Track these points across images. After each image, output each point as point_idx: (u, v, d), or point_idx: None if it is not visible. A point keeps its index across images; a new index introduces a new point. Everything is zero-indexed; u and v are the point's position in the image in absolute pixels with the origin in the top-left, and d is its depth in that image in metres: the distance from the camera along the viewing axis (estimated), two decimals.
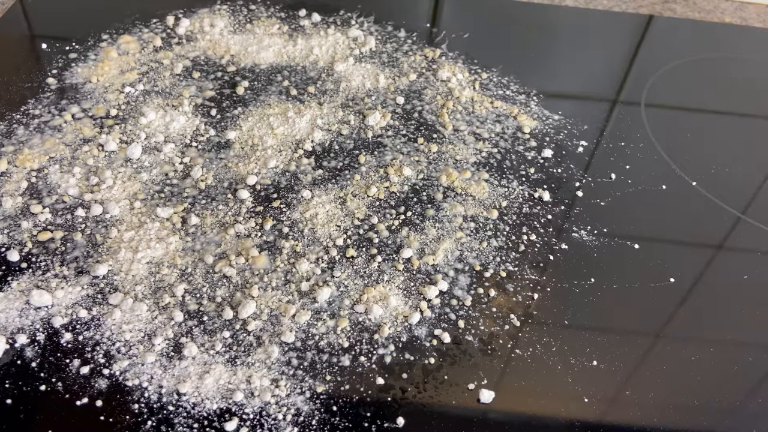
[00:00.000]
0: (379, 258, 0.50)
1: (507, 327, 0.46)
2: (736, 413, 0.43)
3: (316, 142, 0.60)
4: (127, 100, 0.62)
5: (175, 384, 0.41)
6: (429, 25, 0.77)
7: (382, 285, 0.48)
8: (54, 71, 0.65)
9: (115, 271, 0.47)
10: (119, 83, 0.64)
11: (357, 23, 0.76)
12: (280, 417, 0.40)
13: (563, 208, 0.56)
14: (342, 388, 0.42)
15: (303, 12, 0.76)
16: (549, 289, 0.49)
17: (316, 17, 0.75)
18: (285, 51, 0.70)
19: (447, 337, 0.45)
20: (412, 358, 0.44)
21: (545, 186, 0.57)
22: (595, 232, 0.54)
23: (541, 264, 0.51)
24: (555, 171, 0.59)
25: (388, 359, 0.44)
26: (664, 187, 0.59)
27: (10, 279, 0.46)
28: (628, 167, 0.60)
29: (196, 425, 0.39)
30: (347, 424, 0.40)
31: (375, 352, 0.44)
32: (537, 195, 0.57)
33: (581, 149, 0.62)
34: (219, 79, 0.66)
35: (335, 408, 0.41)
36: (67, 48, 0.68)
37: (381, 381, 0.42)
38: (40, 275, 0.47)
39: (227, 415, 0.40)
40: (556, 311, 0.48)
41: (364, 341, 0.44)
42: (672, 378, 0.45)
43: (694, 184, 0.60)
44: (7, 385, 0.40)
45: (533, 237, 0.53)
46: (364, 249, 0.50)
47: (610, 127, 0.65)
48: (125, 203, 0.52)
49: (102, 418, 0.39)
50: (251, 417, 0.40)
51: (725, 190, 0.59)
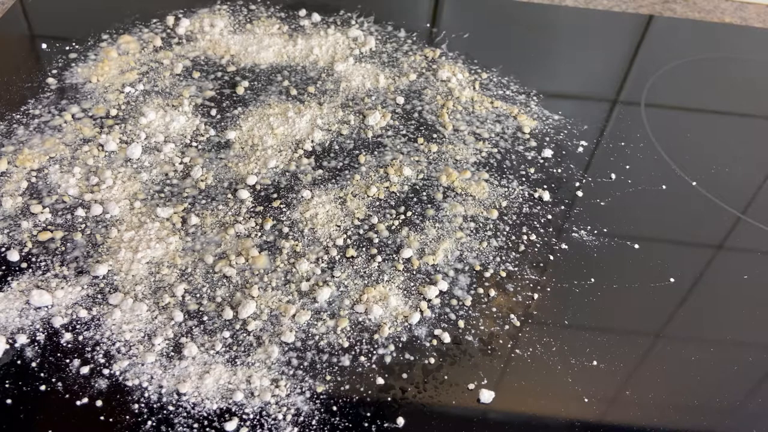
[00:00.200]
0: (379, 258, 0.50)
1: (507, 327, 0.46)
2: (736, 413, 0.43)
3: (316, 142, 0.60)
4: (127, 100, 0.62)
5: (175, 384, 0.41)
6: (429, 25, 0.77)
7: (382, 285, 0.48)
8: (54, 71, 0.65)
9: (115, 271, 0.47)
10: (119, 83, 0.64)
11: (357, 23, 0.76)
12: (280, 417, 0.40)
13: (563, 208, 0.56)
14: (342, 388, 0.42)
15: (303, 12, 0.76)
16: (549, 289, 0.49)
17: (316, 17, 0.75)
18: (285, 51, 0.70)
19: (447, 337, 0.45)
20: (412, 358, 0.44)
21: (545, 186, 0.57)
22: (595, 232, 0.54)
23: (541, 264, 0.51)
24: (555, 171, 0.59)
25: (388, 359, 0.44)
26: (664, 187, 0.59)
27: (10, 279, 0.46)
28: (628, 167, 0.60)
29: (196, 425, 0.39)
30: (347, 424, 0.40)
31: (375, 352, 0.44)
32: (537, 195, 0.57)
33: (581, 149, 0.62)
34: (219, 79, 0.66)
35: (335, 408, 0.41)
36: (67, 48, 0.68)
37: (381, 381, 0.42)
38: (40, 275, 0.47)
39: (227, 415, 0.40)
40: (556, 311, 0.48)
41: (364, 341, 0.44)
42: (672, 378, 0.45)
43: (694, 184, 0.60)
44: (7, 385, 0.40)
45: (533, 237, 0.53)
46: (364, 249, 0.50)
47: (610, 127, 0.65)
48: (125, 203, 0.52)
49: (102, 418, 0.39)
50: (251, 417, 0.40)
51: (725, 190, 0.59)
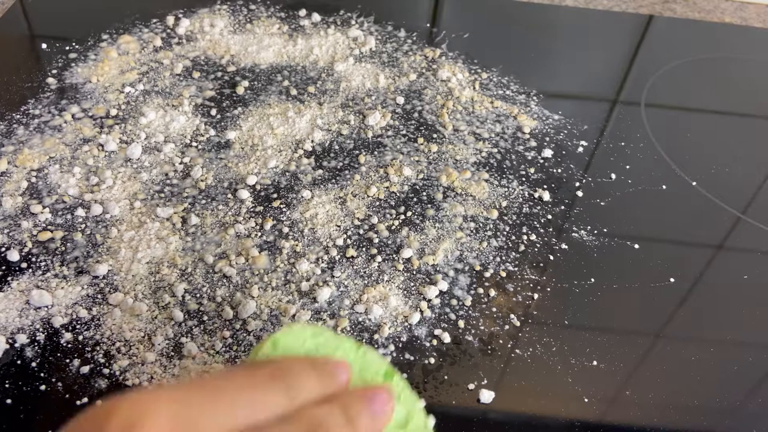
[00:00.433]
0: (379, 258, 0.50)
1: (507, 327, 0.46)
2: (736, 413, 0.43)
3: (316, 142, 0.60)
4: (127, 100, 0.62)
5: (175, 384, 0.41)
6: (429, 25, 0.77)
7: (382, 285, 0.48)
8: (54, 71, 0.65)
9: (115, 271, 0.47)
10: (119, 83, 0.64)
11: (357, 23, 0.76)
12: None
13: (563, 208, 0.56)
14: None
15: (303, 12, 0.76)
16: (549, 289, 0.49)
17: (316, 17, 0.75)
18: (285, 51, 0.70)
19: (447, 337, 0.45)
20: (412, 358, 0.44)
21: (545, 186, 0.57)
22: (595, 232, 0.54)
23: (541, 264, 0.51)
24: (555, 171, 0.59)
25: (388, 359, 0.44)
26: (664, 187, 0.59)
27: (10, 279, 0.46)
28: (628, 167, 0.60)
29: None
30: None
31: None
32: (537, 195, 0.57)
33: (581, 149, 0.62)
34: (219, 79, 0.66)
35: None
36: (67, 48, 0.68)
37: None
38: (40, 275, 0.47)
39: None
40: (556, 311, 0.48)
41: (364, 341, 0.44)
42: (672, 378, 0.45)
43: (694, 184, 0.60)
44: (7, 385, 0.40)
45: (533, 237, 0.53)
46: (364, 249, 0.50)
47: (610, 127, 0.65)
48: (125, 203, 0.52)
49: None
50: None
51: (725, 190, 0.59)
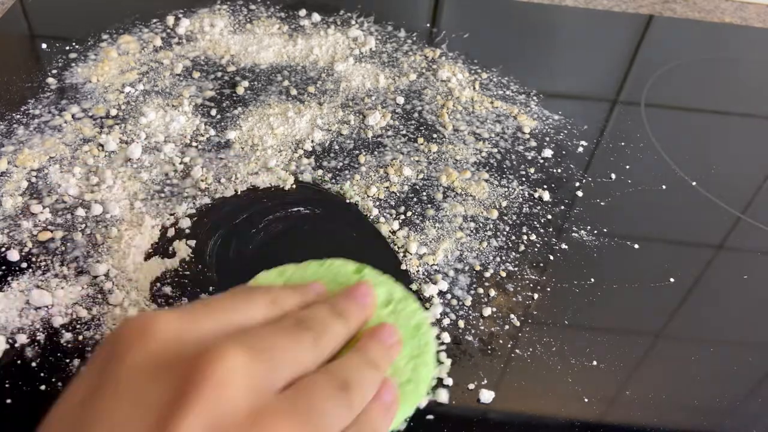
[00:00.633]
0: None
1: (507, 327, 0.46)
2: (736, 413, 0.43)
3: (316, 142, 0.60)
4: (127, 100, 0.62)
5: None
6: (429, 25, 0.77)
7: None
8: (54, 71, 0.65)
9: (115, 271, 0.47)
10: (119, 83, 0.64)
11: (357, 23, 0.76)
12: None
13: (563, 208, 0.56)
14: None
15: (303, 12, 0.76)
16: (549, 289, 0.49)
17: (316, 17, 0.75)
18: (285, 51, 0.70)
19: (447, 337, 0.45)
20: None
21: (545, 186, 0.57)
22: (595, 232, 0.54)
23: (541, 264, 0.51)
24: (555, 171, 0.59)
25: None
26: (664, 187, 0.59)
27: (10, 279, 0.46)
28: (628, 167, 0.60)
29: None
30: None
31: None
32: (537, 195, 0.57)
33: (581, 149, 0.62)
34: (219, 79, 0.66)
35: None
36: (67, 48, 0.68)
37: None
38: (40, 275, 0.47)
39: None
40: (556, 311, 0.48)
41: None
42: (672, 378, 0.45)
43: (694, 184, 0.60)
44: (7, 385, 0.40)
45: (533, 237, 0.53)
46: None
47: (610, 127, 0.65)
48: (125, 203, 0.52)
49: None
50: None
51: (725, 190, 0.59)
